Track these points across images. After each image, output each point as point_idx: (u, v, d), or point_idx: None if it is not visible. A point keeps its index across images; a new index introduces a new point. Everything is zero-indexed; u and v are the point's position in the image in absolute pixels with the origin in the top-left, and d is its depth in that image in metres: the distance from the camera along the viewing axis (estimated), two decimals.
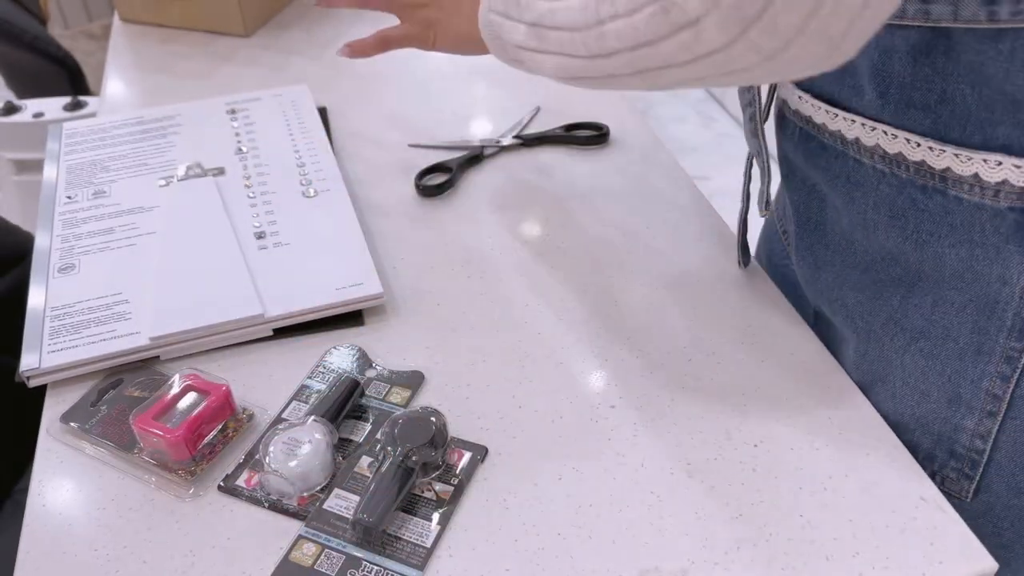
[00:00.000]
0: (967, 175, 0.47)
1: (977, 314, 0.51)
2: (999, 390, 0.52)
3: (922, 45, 0.46)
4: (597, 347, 0.63)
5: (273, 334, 0.64)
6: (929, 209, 0.50)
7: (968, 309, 0.51)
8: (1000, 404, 0.52)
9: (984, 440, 0.54)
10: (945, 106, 0.47)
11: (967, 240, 0.49)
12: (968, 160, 0.47)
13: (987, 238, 0.49)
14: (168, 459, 0.54)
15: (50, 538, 0.51)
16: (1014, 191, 0.46)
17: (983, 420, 0.53)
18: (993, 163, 0.46)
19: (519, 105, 0.93)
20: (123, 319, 0.63)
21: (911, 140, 0.49)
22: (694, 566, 0.49)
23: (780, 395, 0.59)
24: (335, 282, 0.66)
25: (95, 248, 0.70)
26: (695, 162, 2.46)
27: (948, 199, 0.49)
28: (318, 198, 0.75)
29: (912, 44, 0.46)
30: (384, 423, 0.54)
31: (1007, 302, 0.49)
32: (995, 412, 0.53)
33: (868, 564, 0.48)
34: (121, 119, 0.88)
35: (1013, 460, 0.53)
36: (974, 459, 0.55)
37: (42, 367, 0.59)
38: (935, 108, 0.47)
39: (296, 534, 0.50)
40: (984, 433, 0.53)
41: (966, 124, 0.46)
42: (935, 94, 0.47)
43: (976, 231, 0.49)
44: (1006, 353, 0.51)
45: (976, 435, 0.54)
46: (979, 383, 0.52)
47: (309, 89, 0.92)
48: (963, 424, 0.54)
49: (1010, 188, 0.46)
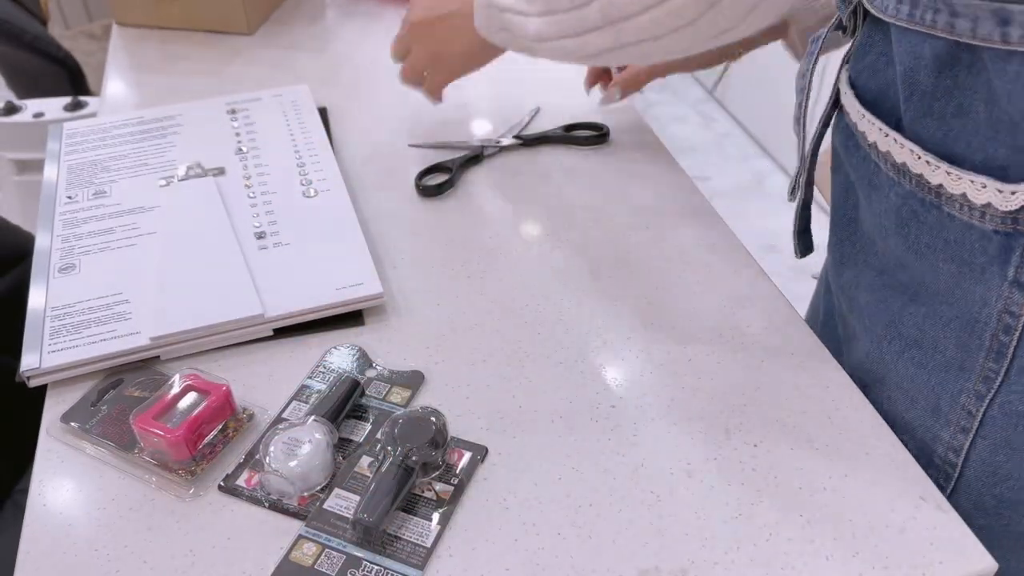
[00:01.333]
0: (957, 194, 0.48)
1: (961, 330, 0.52)
2: (973, 407, 0.53)
3: (947, 57, 0.46)
4: (597, 347, 0.63)
5: (273, 334, 0.64)
6: (927, 222, 0.51)
7: (953, 325, 0.52)
8: (973, 421, 0.53)
9: (957, 454, 0.55)
10: (958, 120, 0.47)
11: (957, 257, 0.50)
12: (958, 179, 0.47)
13: (975, 257, 0.49)
14: (168, 459, 0.54)
15: (50, 538, 0.51)
16: (998, 214, 0.46)
17: (957, 435, 0.54)
18: (979, 185, 0.46)
19: (519, 105, 0.93)
20: (123, 319, 0.63)
21: (914, 152, 0.49)
22: (694, 566, 0.49)
23: (780, 395, 0.59)
24: (335, 282, 0.66)
25: (95, 248, 0.70)
26: (695, 162, 2.46)
27: (943, 215, 0.49)
28: (318, 198, 0.75)
29: (937, 54, 0.46)
30: (384, 423, 0.54)
31: (986, 323, 0.50)
32: (968, 428, 0.53)
33: (868, 564, 0.48)
34: (121, 119, 0.88)
35: (980, 479, 0.54)
36: (948, 472, 0.56)
37: (42, 367, 0.59)
38: (949, 120, 0.47)
39: (296, 534, 0.50)
40: (957, 448, 0.54)
41: (972, 140, 0.47)
42: (952, 106, 0.47)
43: (966, 249, 0.49)
44: (984, 372, 0.51)
45: (950, 448, 0.55)
46: (957, 398, 0.53)
47: (310, 88, 0.92)
48: (940, 435, 0.55)
49: (994, 211, 0.46)
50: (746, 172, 2.42)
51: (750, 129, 2.57)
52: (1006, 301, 0.48)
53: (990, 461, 0.53)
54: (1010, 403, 0.51)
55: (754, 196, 2.32)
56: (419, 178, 0.81)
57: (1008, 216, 0.46)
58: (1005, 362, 0.50)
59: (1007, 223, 0.46)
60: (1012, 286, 0.48)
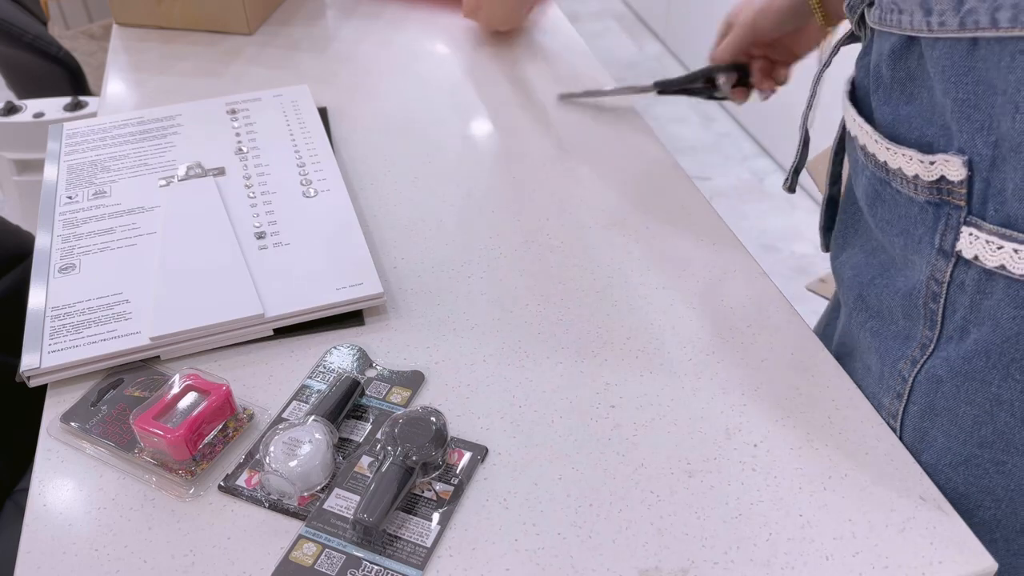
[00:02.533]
0: (895, 168, 0.52)
1: (905, 299, 0.55)
2: (907, 372, 0.56)
3: (900, 50, 0.52)
4: (597, 347, 0.63)
5: (273, 334, 0.64)
6: (885, 199, 0.55)
7: (900, 294, 0.55)
8: (905, 386, 0.56)
9: (895, 420, 0.57)
10: (907, 106, 0.52)
11: (905, 230, 0.54)
12: (895, 155, 0.52)
13: (915, 228, 0.53)
14: (169, 459, 0.54)
15: (51, 538, 0.51)
16: (925, 185, 0.50)
17: (894, 400, 0.57)
18: (907, 158, 0.51)
19: (519, 108, 0.93)
20: (123, 319, 0.63)
21: (871, 135, 0.54)
22: (694, 566, 0.49)
23: (780, 395, 0.59)
24: (335, 282, 0.66)
25: (95, 248, 0.70)
26: (695, 162, 2.46)
27: (893, 191, 0.54)
28: (318, 198, 0.75)
29: (893, 48, 0.52)
30: (384, 423, 0.54)
31: (920, 291, 0.53)
32: (901, 394, 0.56)
33: (868, 564, 0.48)
34: (122, 119, 0.88)
35: (913, 445, 0.56)
36: None
37: (43, 367, 0.59)
38: (901, 107, 0.53)
39: (296, 534, 0.50)
40: (895, 413, 0.57)
41: (914, 123, 0.52)
42: (904, 95, 0.52)
43: (910, 222, 0.53)
44: (922, 340, 0.55)
45: (890, 414, 0.57)
46: (896, 364, 0.56)
47: (310, 88, 0.92)
48: (883, 402, 0.58)
49: (922, 183, 0.51)
50: (746, 172, 2.42)
51: (750, 129, 2.57)
52: (932, 268, 0.52)
53: (919, 427, 0.56)
54: (934, 368, 0.54)
55: (754, 196, 2.32)
56: None
57: (933, 186, 0.50)
58: (937, 329, 0.53)
59: (933, 193, 0.50)
60: (938, 254, 0.51)
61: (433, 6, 1.16)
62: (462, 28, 1.11)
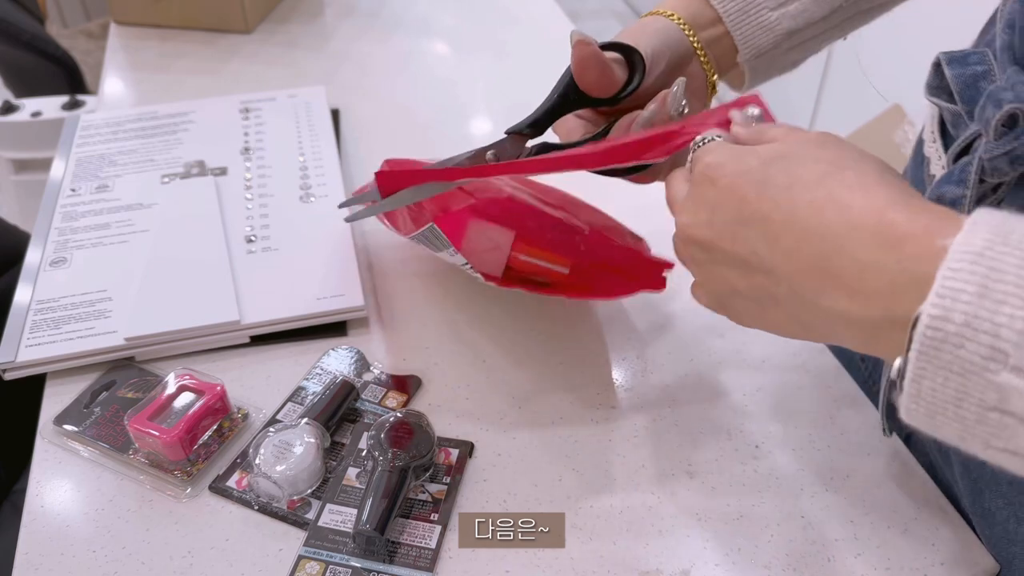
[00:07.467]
0: None
1: None
2: None
3: None
4: (597, 347, 0.62)
5: (250, 341, 0.63)
6: None
7: None
8: None
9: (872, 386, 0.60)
10: None
11: None
12: None
13: None
14: (164, 460, 0.54)
15: (48, 539, 0.50)
16: None
17: None
18: None
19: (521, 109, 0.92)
20: (103, 317, 0.62)
21: None
22: (695, 567, 0.48)
23: (780, 395, 0.59)
24: (316, 291, 0.64)
25: (89, 243, 0.69)
26: None
27: None
28: (315, 203, 0.74)
29: None
30: (368, 432, 0.53)
31: None
32: None
33: (870, 565, 0.48)
34: (136, 113, 0.87)
35: None
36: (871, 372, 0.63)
37: (17, 361, 0.58)
38: None
39: (296, 555, 0.49)
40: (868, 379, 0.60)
41: None
42: None
43: None
44: None
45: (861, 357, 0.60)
46: None
47: (324, 90, 0.91)
48: None
49: None
50: None
51: None
52: None
53: None
54: None
55: None
56: None
57: None
58: None
59: None
60: None
61: None
62: (462, 28, 1.11)
